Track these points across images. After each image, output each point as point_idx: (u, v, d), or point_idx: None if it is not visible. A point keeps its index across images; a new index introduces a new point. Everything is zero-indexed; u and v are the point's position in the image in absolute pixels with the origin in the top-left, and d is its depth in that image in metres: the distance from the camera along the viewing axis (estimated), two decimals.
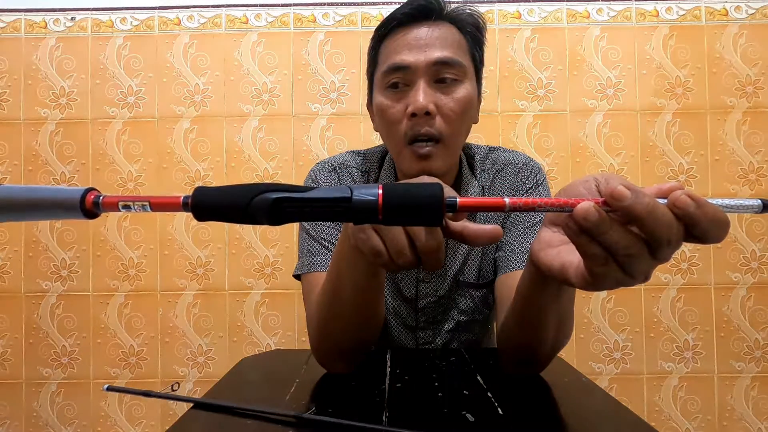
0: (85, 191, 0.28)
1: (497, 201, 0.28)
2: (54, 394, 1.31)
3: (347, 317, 0.53)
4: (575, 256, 0.34)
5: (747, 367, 1.29)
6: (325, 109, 1.31)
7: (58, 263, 1.31)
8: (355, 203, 0.28)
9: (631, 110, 1.30)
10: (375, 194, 0.28)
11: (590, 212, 0.27)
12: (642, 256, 0.29)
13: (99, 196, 0.28)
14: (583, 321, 1.30)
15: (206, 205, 0.28)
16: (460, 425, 0.41)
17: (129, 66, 1.32)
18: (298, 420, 0.42)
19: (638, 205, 0.27)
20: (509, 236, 0.71)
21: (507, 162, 0.75)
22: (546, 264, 0.38)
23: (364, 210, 0.28)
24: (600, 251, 0.29)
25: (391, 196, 0.28)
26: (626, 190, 0.27)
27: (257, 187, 0.29)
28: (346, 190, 0.28)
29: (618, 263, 0.30)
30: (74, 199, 0.28)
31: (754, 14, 1.30)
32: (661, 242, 0.28)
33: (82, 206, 0.28)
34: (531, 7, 1.31)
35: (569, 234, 0.30)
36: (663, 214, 0.27)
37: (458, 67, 0.64)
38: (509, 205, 0.28)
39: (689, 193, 0.27)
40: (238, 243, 1.31)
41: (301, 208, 0.28)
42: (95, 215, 0.28)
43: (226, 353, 1.31)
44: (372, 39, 0.70)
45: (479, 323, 0.76)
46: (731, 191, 1.29)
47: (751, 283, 1.29)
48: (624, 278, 0.30)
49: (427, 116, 0.62)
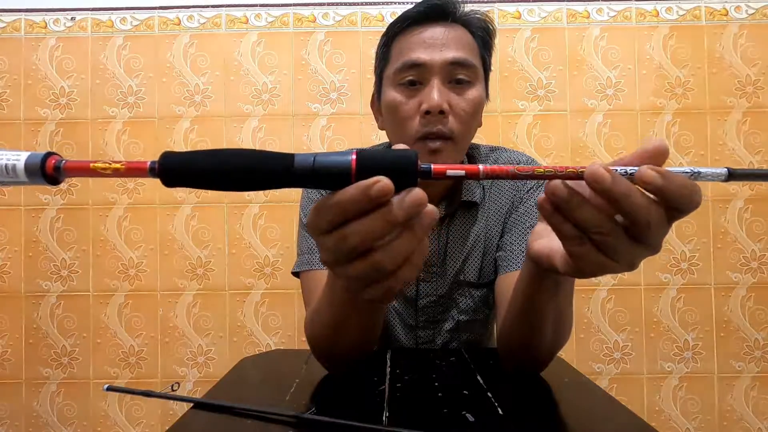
0: (45, 155, 0.27)
1: (472, 168, 0.28)
2: (54, 394, 1.31)
3: (346, 342, 0.52)
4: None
5: (747, 367, 1.29)
6: (325, 109, 1.31)
7: (58, 263, 1.31)
8: (323, 167, 0.28)
9: (631, 110, 1.30)
10: (348, 160, 0.28)
11: (558, 188, 0.28)
12: (617, 236, 0.29)
13: (61, 161, 0.28)
14: (583, 321, 1.30)
15: (175, 168, 0.28)
16: (460, 425, 0.41)
17: (129, 66, 1.32)
18: (298, 420, 0.42)
19: (616, 188, 0.27)
20: (510, 237, 0.71)
21: (508, 162, 0.75)
22: (536, 252, 0.38)
23: (337, 174, 0.28)
24: (572, 230, 0.30)
25: (365, 158, 0.28)
26: (606, 174, 0.27)
27: (232, 151, 0.28)
28: (312, 157, 0.28)
29: (594, 243, 0.30)
30: (35, 163, 0.27)
31: (754, 14, 1.30)
32: (640, 223, 0.28)
33: (42, 171, 0.27)
34: (531, 7, 1.31)
35: (544, 214, 0.30)
36: (638, 197, 0.27)
37: (471, 69, 0.65)
38: (483, 172, 0.28)
39: (653, 168, 0.27)
40: (238, 243, 1.31)
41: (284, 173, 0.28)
42: (57, 181, 0.28)
43: (226, 353, 1.31)
44: (383, 36, 0.70)
45: (479, 323, 0.76)
46: (731, 191, 1.29)
47: (751, 283, 1.29)
48: (606, 262, 0.30)
49: (440, 115, 0.62)
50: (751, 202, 1.29)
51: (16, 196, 1.31)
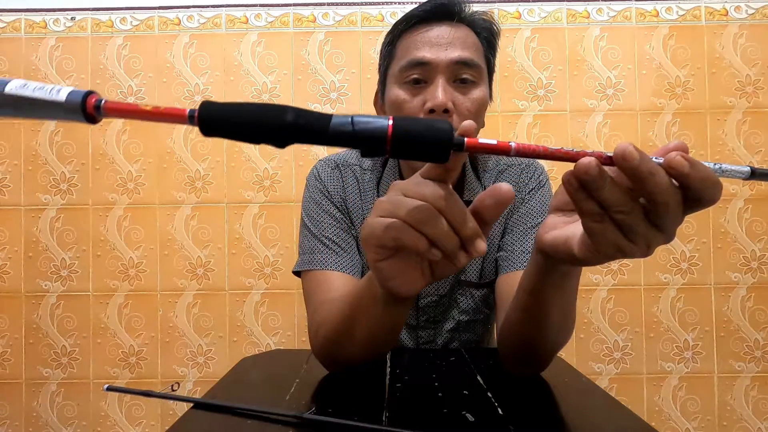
0: (86, 93, 0.28)
1: (504, 145, 0.29)
2: (54, 394, 1.31)
3: (364, 346, 0.51)
4: (578, 228, 0.35)
5: (747, 367, 1.29)
6: (325, 109, 1.31)
7: (58, 263, 1.31)
8: (362, 130, 0.28)
9: (631, 110, 1.30)
10: (385, 125, 0.28)
11: (591, 167, 0.29)
12: (637, 216, 0.30)
13: (101, 100, 0.28)
14: (583, 321, 1.30)
15: (214, 117, 0.28)
16: (460, 425, 0.41)
17: (129, 66, 1.32)
18: (298, 420, 0.42)
19: (643, 167, 0.28)
20: (511, 236, 0.71)
21: (510, 163, 0.76)
22: (551, 242, 0.38)
23: (373, 138, 0.28)
24: (595, 206, 0.30)
25: (401, 125, 0.29)
26: (635, 152, 0.28)
27: (271, 105, 0.29)
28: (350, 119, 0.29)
29: (614, 222, 0.31)
30: (75, 101, 0.27)
31: (754, 14, 1.30)
32: (659, 205, 0.29)
33: (83, 108, 0.27)
34: (531, 7, 1.31)
35: (568, 189, 0.31)
36: (662, 177, 0.28)
37: (476, 69, 0.65)
38: (515, 149, 0.29)
39: (683, 155, 0.28)
40: (238, 243, 1.31)
41: (313, 128, 0.29)
42: (95, 120, 0.28)
43: (226, 353, 1.31)
44: (388, 34, 0.70)
45: (480, 323, 0.76)
46: (731, 191, 1.29)
47: (751, 283, 1.29)
48: (624, 243, 0.31)
49: (445, 113, 0.62)
50: (751, 202, 1.29)
51: (16, 196, 1.31)
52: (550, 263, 0.41)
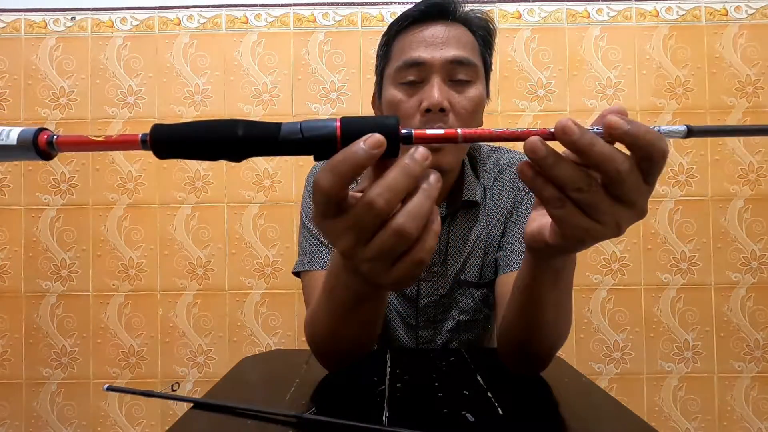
0: (36, 130, 0.28)
1: (451, 133, 0.30)
2: (54, 394, 1.31)
3: (346, 341, 0.51)
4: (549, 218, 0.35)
5: (747, 367, 1.29)
6: (325, 109, 1.31)
7: (58, 263, 1.31)
8: (311, 135, 0.29)
9: (631, 110, 1.30)
10: (333, 126, 0.29)
11: (536, 144, 0.29)
12: (597, 193, 0.30)
13: (53, 135, 0.28)
14: (583, 321, 1.30)
15: (165, 139, 0.28)
16: (460, 425, 0.41)
17: (129, 66, 1.32)
18: (298, 420, 0.42)
19: (584, 138, 0.28)
20: (510, 236, 0.71)
21: (509, 162, 0.76)
22: (529, 234, 0.39)
23: (323, 141, 0.29)
24: (553, 191, 0.30)
25: (349, 125, 0.29)
26: (573, 126, 0.28)
27: (220, 121, 0.29)
28: (298, 125, 0.29)
29: (576, 203, 0.30)
30: (27, 140, 0.28)
31: (754, 14, 1.30)
32: (611, 174, 0.28)
33: (35, 146, 0.28)
34: (531, 7, 1.31)
35: (525, 179, 0.31)
36: (603, 145, 0.28)
37: (472, 68, 0.64)
38: (461, 135, 0.29)
39: (619, 115, 0.28)
40: (238, 243, 1.31)
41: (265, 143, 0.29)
42: (50, 156, 0.28)
43: (226, 353, 1.31)
44: (384, 34, 0.70)
45: (480, 323, 0.76)
46: (731, 191, 1.29)
47: (751, 283, 1.29)
48: (590, 224, 0.31)
49: (441, 113, 0.62)
50: (751, 202, 1.29)
51: (17, 196, 1.31)
52: (538, 259, 0.41)
